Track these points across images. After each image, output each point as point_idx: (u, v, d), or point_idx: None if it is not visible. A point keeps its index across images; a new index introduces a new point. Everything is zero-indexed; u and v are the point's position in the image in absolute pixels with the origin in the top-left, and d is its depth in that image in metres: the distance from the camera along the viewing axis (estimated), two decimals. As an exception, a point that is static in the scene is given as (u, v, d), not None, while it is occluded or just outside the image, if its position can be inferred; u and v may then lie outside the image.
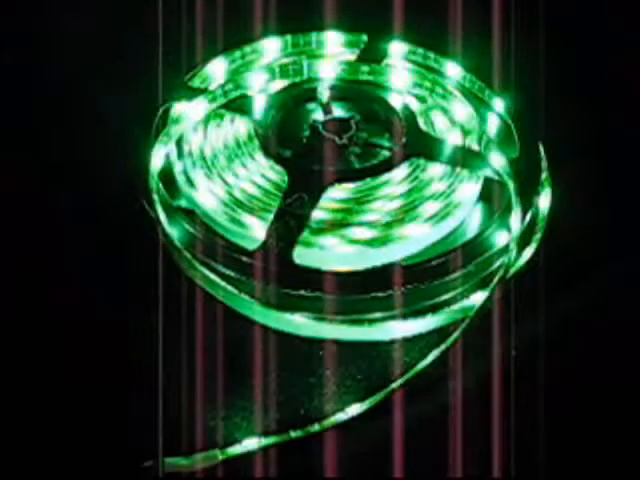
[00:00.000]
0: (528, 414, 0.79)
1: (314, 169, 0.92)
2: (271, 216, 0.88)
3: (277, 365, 0.83)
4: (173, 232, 0.89)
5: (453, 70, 1.01)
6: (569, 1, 1.12)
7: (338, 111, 0.99)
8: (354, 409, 0.81)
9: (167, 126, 0.95)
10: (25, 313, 0.87)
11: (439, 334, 0.85)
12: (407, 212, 0.90)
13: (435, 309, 0.86)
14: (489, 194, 0.93)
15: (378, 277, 0.85)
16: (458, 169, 0.93)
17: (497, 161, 0.92)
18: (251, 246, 0.87)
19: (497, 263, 0.87)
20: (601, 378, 0.83)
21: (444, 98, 0.99)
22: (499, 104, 0.98)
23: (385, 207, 0.90)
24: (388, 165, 0.93)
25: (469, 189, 0.92)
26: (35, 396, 0.81)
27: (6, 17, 1.12)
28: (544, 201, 0.92)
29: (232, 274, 0.86)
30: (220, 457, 0.78)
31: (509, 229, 0.88)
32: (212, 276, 0.87)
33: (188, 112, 0.96)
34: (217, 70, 1.02)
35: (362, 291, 0.85)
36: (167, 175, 0.94)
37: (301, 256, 0.86)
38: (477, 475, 0.77)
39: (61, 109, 1.03)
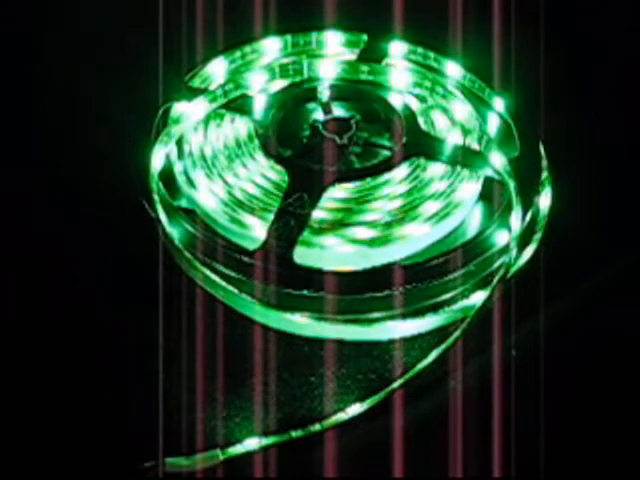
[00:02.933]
0: (528, 414, 0.79)
1: (314, 169, 0.92)
2: (271, 216, 0.88)
3: (277, 365, 0.84)
4: (173, 232, 0.89)
5: (453, 69, 1.01)
6: (569, 0, 1.12)
7: (338, 111, 0.99)
8: (354, 409, 0.81)
9: (167, 126, 0.95)
10: (25, 313, 0.87)
11: (439, 334, 0.85)
12: (407, 212, 0.90)
13: (435, 309, 0.86)
14: (489, 194, 0.93)
15: (378, 277, 0.85)
16: (458, 169, 0.93)
17: (497, 160, 0.92)
18: (251, 246, 0.87)
19: (497, 263, 0.87)
20: (601, 377, 0.83)
21: (444, 98, 0.99)
22: (499, 103, 0.98)
23: (385, 207, 0.90)
24: (388, 165, 0.93)
25: (469, 189, 0.92)
26: (34, 396, 0.81)
27: (7, 17, 1.11)
28: (544, 201, 0.92)
29: (232, 274, 0.86)
30: (221, 457, 0.79)
31: (509, 229, 0.88)
32: (213, 276, 0.87)
33: (188, 112, 0.96)
34: (217, 70, 1.02)
35: (362, 291, 0.85)
36: (167, 175, 0.94)
37: (301, 256, 0.86)
38: (477, 475, 0.77)
39: (61, 109, 1.03)
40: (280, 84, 1.00)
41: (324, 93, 1.00)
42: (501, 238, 0.88)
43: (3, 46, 1.09)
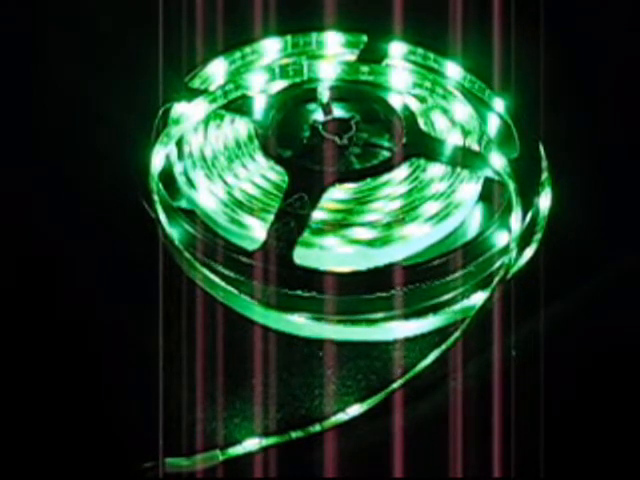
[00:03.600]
0: (528, 414, 0.79)
1: (314, 169, 0.92)
2: (271, 217, 0.88)
3: (277, 365, 0.84)
4: (173, 233, 0.89)
5: (453, 70, 1.01)
6: (569, 1, 1.12)
7: (338, 111, 0.99)
8: (354, 409, 0.81)
9: (167, 127, 0.95)
10: (25, 313, 0.87)
11: (440, 334, 0.85)
12: (408, 212, 0.90)
13: (436, 309, 0.86)
14: (489, 194, 0.93)
15: (379, 277, 0.85)
16: (458, 169, 0.93)
17: (497, 161, 0.92)
18: (251, 247, 0.87)
19: (497, 263, 0.87)
20: (602, 378, 0.83)
21: (444, 98, 0.99)
22: (499, 104, 0.98)
23: (386, 207, 0.90)
24: (388, 165, 0.93)
25: (469, 189, 0.92)
26: (34, 396, 0.81)
27: (7, 17, 1.11)
28: (544, 201, 0.92)
29: (232, 275, 0.86)
30: (221, 458, 0.79)
31: (509, 229, 0.88)
32: (212, 277, 0.87)
33: (188, 113, 0.96)
34: (217, 71, 1.02)
35: (363, 291, 0.85)
36: (167, 176, 0.94)
37: (301, 256, 0.86)
38: (477, 475, 0.77)
39: (61, 109, 1.03)
40: (280, 85, 1.00)
41: (324, 94, 1.00)
42: (501, 239, 0.88)
43: (3, 46, 1.09)
